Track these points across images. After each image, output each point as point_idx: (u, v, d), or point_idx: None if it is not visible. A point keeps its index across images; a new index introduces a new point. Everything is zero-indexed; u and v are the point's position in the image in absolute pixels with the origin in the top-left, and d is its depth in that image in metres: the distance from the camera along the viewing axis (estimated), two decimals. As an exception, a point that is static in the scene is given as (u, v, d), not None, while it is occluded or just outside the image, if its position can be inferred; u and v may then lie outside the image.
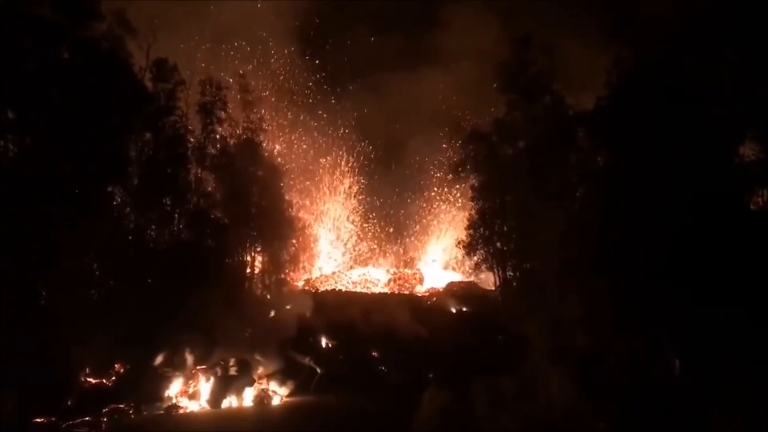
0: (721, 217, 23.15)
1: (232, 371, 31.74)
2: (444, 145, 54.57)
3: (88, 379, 29.57)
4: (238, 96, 43.30)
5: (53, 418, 24.93)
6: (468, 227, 41.17)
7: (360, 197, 61.14)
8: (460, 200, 56.57)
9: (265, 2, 58.20)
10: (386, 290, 51.05)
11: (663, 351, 24.07)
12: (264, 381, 32.83)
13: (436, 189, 60.15)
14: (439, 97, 61.29)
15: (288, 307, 39.70)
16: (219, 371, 31.54)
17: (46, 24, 27.52)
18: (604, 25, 42.63)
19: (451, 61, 65.04)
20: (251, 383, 31.79)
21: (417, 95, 64.46)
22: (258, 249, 42.37)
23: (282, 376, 33.21)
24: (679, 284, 22.27)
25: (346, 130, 61.25)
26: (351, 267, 57.45)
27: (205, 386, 30.94)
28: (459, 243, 43.10)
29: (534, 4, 63.48)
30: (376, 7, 69.00)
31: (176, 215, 36.67)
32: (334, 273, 54.48)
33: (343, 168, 60.93)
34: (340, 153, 61.09)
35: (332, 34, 64.34)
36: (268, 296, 41.44)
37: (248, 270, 42.03)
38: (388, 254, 60.46)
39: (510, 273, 39.65)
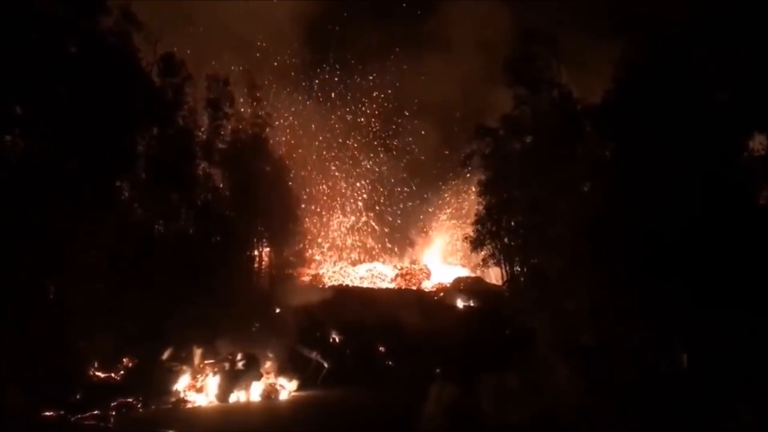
0: (729, 212, 22.99)
1: (240, 366, 31.89)
2: (452, 140, 54.60)
3: (97, 374, 29.74)
4: (245, 90, 43.49)
5: (62, 412, 24.95)
6: (475, 222, 40.96)
7: (367, 192, 61.31)
8: (467, 195, 56.48)
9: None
10: (393, 285, 51.09)
11: (670, 345, 23.98)
12: (271, 375, 32.97)
13: (443, 184, 60.16)
14: (446, 90, 61.31)
15: (295, 302, 39.80)
16: (226, 366, 31.68)
17: (53, 19, 27.53)
18: (611, 18, 42.38)
19: (459, 53, 64.97)
20: (259, 378, 31.91)
21: (424, 89, 64.53)
22: (265, 244, 42.45)
23: (289, 371, 33.33)
24: (686, 279, 22.14)
25: (355, 118, 61.51)
26: (358, 262, 57.50)
27: (212, 381, 31.04)
28: (466, 238, 43.01)
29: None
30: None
31: (183, 210, 36.70)
32: (341, 268, 54.57)
33: (349, 163, 61.11)
34: (346, 147, 61.28)
35: (339, 25, 64.39)
36: (275, 291, 41.52)
37: (255, 265, 42.15)
38: (394, 249, 60.56)
39: (517, 268, 39.53)
